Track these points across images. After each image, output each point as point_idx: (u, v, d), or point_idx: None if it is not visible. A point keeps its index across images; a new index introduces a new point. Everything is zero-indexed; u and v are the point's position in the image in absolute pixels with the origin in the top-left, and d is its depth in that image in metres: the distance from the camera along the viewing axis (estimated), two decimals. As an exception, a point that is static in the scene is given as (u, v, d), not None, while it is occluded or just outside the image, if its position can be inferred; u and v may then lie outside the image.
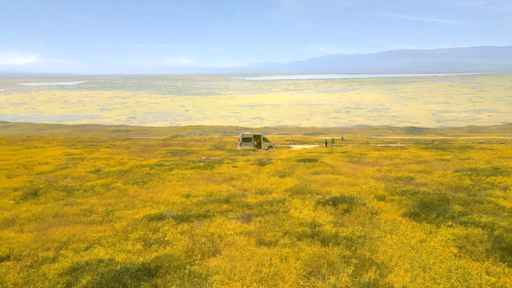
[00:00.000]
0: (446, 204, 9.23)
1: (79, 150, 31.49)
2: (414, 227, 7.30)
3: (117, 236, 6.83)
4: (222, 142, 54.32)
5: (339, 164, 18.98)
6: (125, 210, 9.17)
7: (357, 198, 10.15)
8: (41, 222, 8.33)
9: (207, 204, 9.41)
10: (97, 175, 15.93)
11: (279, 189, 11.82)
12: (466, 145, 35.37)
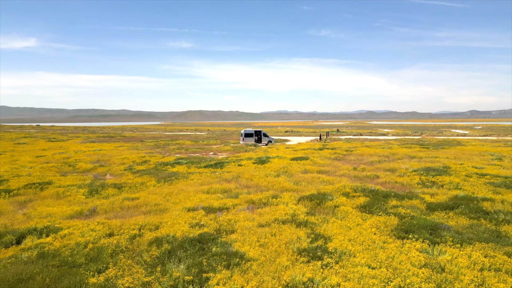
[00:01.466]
0: (387, 199, 13.42)
1: (99, 145, 35.64)
2: (357, 216, 11.48)
3: (171, 221, 11.01)
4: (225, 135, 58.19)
5: (325, 163, 23.14)
6: (167, 203, 13.38)
7: (328, 194, 14.33)
8: (114, 212, 12.55)
9: (223, 199, 13.62)
10: (131, 173, 20.18)
11: (274, 187, 16.01)
12: (446, 140, 39.34)
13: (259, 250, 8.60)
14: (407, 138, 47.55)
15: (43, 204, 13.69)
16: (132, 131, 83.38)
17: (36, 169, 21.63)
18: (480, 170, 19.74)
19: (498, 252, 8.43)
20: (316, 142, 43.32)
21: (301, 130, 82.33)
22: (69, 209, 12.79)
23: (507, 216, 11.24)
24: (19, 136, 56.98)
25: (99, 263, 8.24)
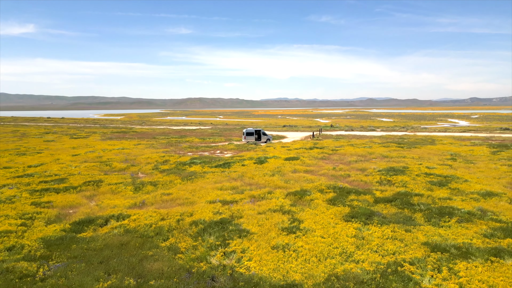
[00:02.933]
0: (348, 195, 18.98)
1: (118, 142, 41.10)
2: (324, 207, 17.05)
3: (200, 210, 16.59)
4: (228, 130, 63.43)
5: (312, 163, 28.71)
6: (193, 197, 18.95)
7: (308, 190, 19.89)
8: (158, 204, 18.12)
9: (233, 195, 19.20)
10: (159, 172, 25.77)
11: (269, 184, 21.59)
12: (423, 138, 44.78)
13: (258, 228, 14.21)
14: (390, 135, 52.94)
15: (105, 198, 19.29)
16: (140, 125, 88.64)
17: (81, 168, 27.21)
18: (430, 170, 25.30)
19: (401, 229, 14.03)
20: (309, 139, 48.78)
21: (298, 124, 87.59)
22: (126, 201, 18.40)
23: (423, 207, 16.83)
24: (41, 132, 62.40)
25: (162, 236, 13.85)
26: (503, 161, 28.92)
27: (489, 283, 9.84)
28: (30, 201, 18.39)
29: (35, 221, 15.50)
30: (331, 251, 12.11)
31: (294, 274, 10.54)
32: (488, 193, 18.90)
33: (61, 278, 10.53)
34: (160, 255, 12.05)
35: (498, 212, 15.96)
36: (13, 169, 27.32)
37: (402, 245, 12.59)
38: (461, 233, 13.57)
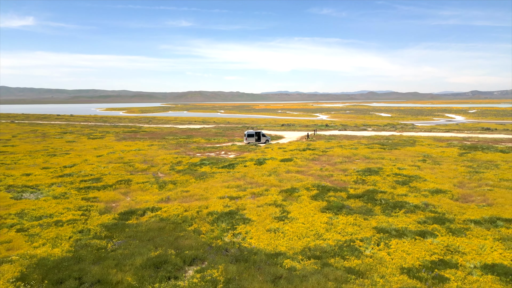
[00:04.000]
0: (328, 192, 24.20)
1: (132, 143, 46.26)
2: (308, 201, 22.27)
3: (213, 204, 21.84)
4: (230, 129, 68.41)
5: (303, 164, 33.93)
6: (207, 194, 24.19)
7: (297, 188, 25.10)
8: (180, 199, 23.38)
9: (237, 192, 24.45)
10: (175, 172, 31.00)
11: (267, 183, 26.81)
12: (406, 139, 49.85)
13: (257, 217, 19.48)
14: (378, 136, 58.03)
15: (137, 194, 24.55)
16: (148, 123, 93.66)
17: (109, 169, 32.46)
18: (400, 171, 30.50)
19: (361, 218, 19.26)
20: (304, 140, 53.91)
21: (296, 123, 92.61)
22: (154, 197, 23.67)
23: (383, 202, 22.06)
24: (58, 132, 67.54)
25: (188, 222, 19.11)
26: (465, 162, 34.12)
27: (407, 252, 15.10)
28: (80, 197, 23.68)
29: (91, 212, 20.79)
30: (308, 232, 17.39)
31: (281, 247, 15.82)
32: (437, 191, 24.15)
33: (125, 249, 15.81)
34: (188, 236, 17.33)
35: (437, 205, 21.21)
36: (52, 169, 32.58)
37: (358, 229, 17.87)
38: (403, 221, 18.84)
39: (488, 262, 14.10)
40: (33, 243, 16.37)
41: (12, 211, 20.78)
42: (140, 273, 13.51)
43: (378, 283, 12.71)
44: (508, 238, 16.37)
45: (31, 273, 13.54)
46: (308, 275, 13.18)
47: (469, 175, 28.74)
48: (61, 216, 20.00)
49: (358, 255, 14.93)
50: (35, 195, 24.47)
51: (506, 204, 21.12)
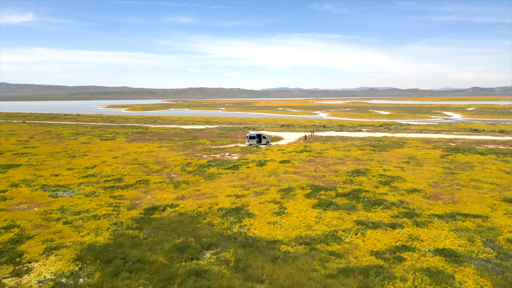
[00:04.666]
0: (320, 191, 28.21)
1: (143, 144, 50.25)
2: (302, 199, 26.29)
3: (222, 201, 25.88)
4: (232, 130, 72.22)
5: (300, 165, 37.93)
6: (216, 192, 28.23)
7: (293, 188, 29.11)
8: (193, 197, 27.42)
9: (242, 191, 28.48)
10: (186, 173, 35.01)
11: (267, 183, 30.83)
12: (396, 141, 53.74)
13: (259, 212, 23.52)
14: (371, 137, 61.96)
15: (156, 193, 28.58)
16: (154, 124, 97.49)
17: (127, 170, 36.46)
18: (385, 172, 34.48)
19: (345, 213, 23.29)
20: (302, 141, 57.87)
21: (295, 123, 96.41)
22: (171, 195, 27.71)
23: (366, 199, 26.07)
24: (71, 132, 71.53)
25: (202, 216, 23.16)
26: (444, 164, 38.11)
27: (378, 239, 19.13)
28: (108, 195, 27.73)
29: (120, 208, 24.84)
30: (300, 224, 21.43)
31: (278, 236, 19.85)
32: (413, 190, 28.17)
33: (154, 238, 19.85)
34: (203, 227, 21.38)
35: (410, 202, 25.23)
36: (76, 170, 36.61)
37: (342, 221, 21.91)
38: (379, 215, 22.88)
39: (440, 247, 18.14)
40: (80, 233, 20.43)
41: (54, 207, 24.84)
42: (169, 255, 17.57)
43: (351, 262, 16.77)
44: (461, 229, 20.42)
45: (85, 255, 17.61)
46: (299, 256, 17.23)
47: (444, 176, 32.76)
48: (96, 211, 24.06)
49: (339, 242, 18.97)
50: (68, 194, 28.53)
51: (468, 202, 25.15)
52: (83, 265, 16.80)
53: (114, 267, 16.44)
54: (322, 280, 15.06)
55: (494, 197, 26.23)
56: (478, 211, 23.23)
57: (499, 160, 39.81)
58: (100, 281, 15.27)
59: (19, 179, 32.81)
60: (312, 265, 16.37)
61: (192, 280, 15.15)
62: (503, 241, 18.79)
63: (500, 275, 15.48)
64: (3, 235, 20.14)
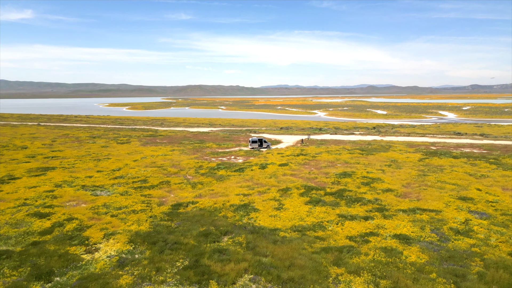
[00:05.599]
0: (312, 190, 34.51)
1: (156, 148, 56.41)
2: (297, 197, 32.60)
3: (232, 199, 32.16)
4: (235, 134, 78.26)
5: (296, 168, 44.25)
6: (227, 192, 34.52)
7: (290, 188, 35.41)
8: (208, 196, 33.71)
9: (248, 190, 34.79)
10: (200, 175, 41.26)
11: (268, 184, 37.13)
12: (384, 145, 59.98)
13: (262, 207, 29.84)
14: (362, 140, 68.22)
15: (177, 192, 34.84)
16: (161, 126, 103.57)
17: (149, 172, 42.69)
18: (368, 174, 40.76)
19: (330, 208, 29.61)
20: (299, 145, 64.13)
21: (293, 126, 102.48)
22: (191, 194, 33.99)
23: (348, 197, 32.37)
24: (87, 136, 77.64)
25: (217, 211, 29.46)
26: (420, 167, 44.42)
27: (353, 228, 25.45)
28: (139, 194, 33.99)
29: (152, 204, 31.11)
30: (295, 217, 27.73)
31: (278, 225, 26.14)
32: (388, 190, 34.49)
33: (183, 227, 26.13)
34: (220, 219, 27.66)
35: (384, 200, 31.54)
36: (105, 172, 42.83)
37: (327, 215, 28.23)
38: (357, 210, 29.20)
39: (397, 233, 24.47)
40: (126, 223, 26.71)
41: (99, 203, 31.11)
42: (197, 239, 23.87)
43: (331, 243, 23.10)
44: (417, 220, 26.75)
45: (135, 239, 23.90)
46: (293, 240, 23.55)
47: (417, 178, 39.09)
48: (133, 207, 30.35)
49: (324, 230, 25.30)
50: (105, 193, 34.78)
51: (429, 199, 31.49)
52: (135, 246, 23.10)
53: (159, 247, 22.76)
54: (309, 255, 21.38)
55: (452, 195, 32.58)
56: (435, 206, 29.58)
57: (468, 163, 46.16)
58: (151, 256, 21.57)
59: (59, 180, 39.03)
60: (302, 245, 22.70)
61: (216, 255, 21.44)
62: (446, 229, 25.14)
63: (436, 252, 21.82)
64: (68, 225, 26.42)
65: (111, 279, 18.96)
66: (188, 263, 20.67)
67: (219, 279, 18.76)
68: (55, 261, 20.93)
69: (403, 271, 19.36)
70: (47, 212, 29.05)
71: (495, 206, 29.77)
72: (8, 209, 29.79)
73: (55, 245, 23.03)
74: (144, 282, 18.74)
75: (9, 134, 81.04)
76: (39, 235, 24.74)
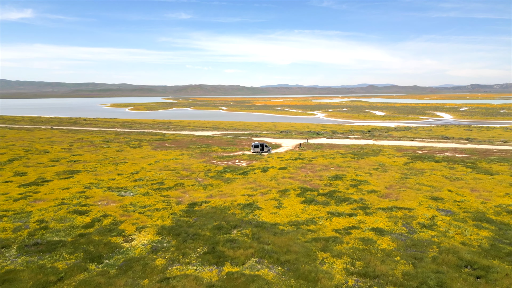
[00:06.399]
0: (307, 191, 40.16)
1: (166, 152, 62.08)
2: (294, 197, 38.26)
3: (239, 199, 37.82)
4: (238, 138, 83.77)
5: (294, 171, 49.94)
6: (233, 192, 40.18)
7: (288, 189, 41.06)
8: (218, 196, 39.39)
9: (251, 191, 40.47)
10: (209, 177, 46.92)
11: (269, 186, 42.78)
12: (375, 149, 65.58)
13: (264, 206, 35.51)
14: (355, 145, 73.84)
15: (192, 193, 40.51)
16: (167, 129, 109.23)
17: (164, 175, 48.32)
18: (357, 177, 46.38)
19: (321, 207, 35.27)
20: (297, 149, 69.77)
21: (293, 130, 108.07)
22: (203, 195, 39.68)
23: (337, 198, 38.01)
24: (100, 140, 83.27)
25: (227, 209, 35.15)
26: (404, 170, 50.04)
27: (339, 223, 31.13)
28: (159, 195, 39.64)
29: (171, 203, 36.76)
30: (291, 214, 33.39)
31: (278, 221, 31.79)
32: (372, 191, 40.12)
33: (200, 222, 31.81)
34: (229, 215, 33.31)
35: (367, 200, 37.17)
36: (125, 175, 48.47)
37: (319, 212, 33.88)
38: (344, 208, 34.84)
39: (375, 227, 30.12)
40: (152, 219, 32.37)
41: (126, 203, 36.77)
42: (212, 231, 29.52)
43: (320, 234, 28.76)
44: (393, 216, 32.40)
45: (162, 231, 29.57)
46: (290, 232, 29.20)
47: (399, 180, 44.73)
48: (156, 205, 36.01)
49: (315, 224, 30.96)
50: (129, 193, 40.44)
51: (406, 199, 37.13)
52: (163, 237, 28.76)
53: (182, 237, 28.43)
54: (302, 244, 27.05)
55: (426, 196, 38.24)
56: (409, 205, 35.25)
57: (447, 167, 51.81)
58: (176, 244, 27.24)
59: (87, 182, 44.70)
60: (297, 236, 28.37)
61: (229, 244, 27.09)
62: (415, 224, 30.79)
63: (403, 241, 27.47)
64: (105, 220, 32.09)
65: (149, 261, 24.63)
66: (206, 249, 26.34)
67: (232, 261, 24.42)
68: (102, 248, 26.62)
69: (375, 255, 25.02)
70: (84, 210, 34.73)
71: (460, 205, 35.43)
72: (50, 207, 35.46)
73: (99, 236, 28.71)
74: (174, 263, 24.40)
75: (27, 138, 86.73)
76: (83, 228, 30.41)
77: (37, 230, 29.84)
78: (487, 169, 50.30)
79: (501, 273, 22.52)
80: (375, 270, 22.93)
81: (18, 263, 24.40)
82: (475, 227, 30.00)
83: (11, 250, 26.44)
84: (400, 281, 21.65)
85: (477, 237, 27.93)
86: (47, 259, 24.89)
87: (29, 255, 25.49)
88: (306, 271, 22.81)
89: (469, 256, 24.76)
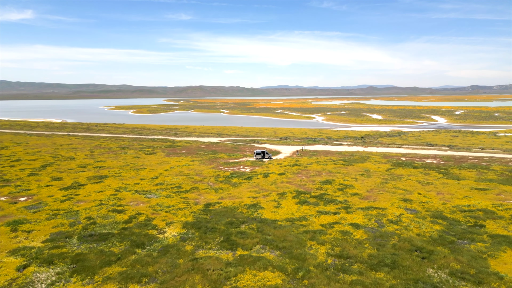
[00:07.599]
0: (301, 194, 48.48)
1: (178, 158, 70.49)
2: (291, 199, 46.62)
3: (245, 200, 46.15)
4: (242, 144, 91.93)
5: (291, 176, 58.39)
6: (240, 195, 48.53)
7: (285, 192, 49.40)
8: (229, 198, 47.74)
9: (255, 195, 48.83)
10: (219, 182, 55.26)
11: (270, 189, 51.14)
12: (363, 155, 73.91)
13: (266, 206, 43.87)
14: (347, 151, 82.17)
15: (206, 195, 48.86)
16: (175, 136, 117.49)
17: (180, 180, 56.63)
18: (344, 181, 54.70)
19: (312, 207, 43.62)
20: (294, 155, 78.13)
21: (291, 136, 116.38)
22: (216, 197, 48.07)
23: (326, 199, 46.35)
24: (117, 146, 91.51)
25: (236, 208, 43.52)
26: (385, 176, 58.34)
27: (325, 219, 39.50)
28: (179, 197, 47.98)
29: (190, 204, 45.10)
30: (288, 212, 41.75)
31: (277, 218, 40.15)
32: (355, 194, 48.46)
33: (215, 218, 40.16)
34: (238, 214, 41.66)
35: (350, 201, 45.51)
36: (147, 180, 56.80)
37: (310, 211, 42.26)
38: (331, 208, 43.20)
39: (353, 222, 38.46)
40: (177, 216, 40.71)
41: (153, 203, 45.11)
42: (225, 226, 37.87)
43: (310, 228, 37.12)
44: (368, 215, 40.74)
45: (186, 226, 37.94)
46: (286, 226, 37.56)
47: (379, 185, 53.07)
48: (178, 206, 44.35)
49: (306, 220, 39.31)
50: (153, 196, 48.78)
51: (382, 201, 45.47)
52: (188, 230, 37.10)
53: (203, 230, 36.80)
54: (295, 235, 35.40)
55: (398, 198, 46.60)
56: (383, 205, 43.60)
57: (423, 173, 60.14)
58: (199, 235, 35.59)
59: (116, 186, 53.03)
60: (291, 229, 36.73)
61: (239, 235, 35.43)
62: (385, 220, 39.12)
63: (373, 233, 35.81)
64: (139, 217, 40.42)
65: (180, 247, 32.97)
66: (223, 239, 34.69)
67: (243, 247, 32.77)
68: (142, 238, 34.98)
69: (350, 243, 33.38)
70: (121, 209, 43.08)
71: (425, 205, 43.81)
72: (92, 207, 43.81)
73: (138, 229, 37.07)
74: (200, 249, 32.74)
75: (49, 144, 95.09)
76: (124, 223, 38.74)
77: (88, 225, 38.19)
78: (457, 175, 58.67)
79: (440, 255, 30.87)
80: (348, 253, 31.28)
81: (82, 248, 32.70)
82: (431, 222, 38.38)
83: (73, 239, 34.76)
84: (365, 260, 29.99)
85: (430, 230, 36.31)
86: (104, 246, 33.22)
87: (89, 243, 33.81)
88: (297, 254, 31.16)
89: (420, 243, 33.12)
